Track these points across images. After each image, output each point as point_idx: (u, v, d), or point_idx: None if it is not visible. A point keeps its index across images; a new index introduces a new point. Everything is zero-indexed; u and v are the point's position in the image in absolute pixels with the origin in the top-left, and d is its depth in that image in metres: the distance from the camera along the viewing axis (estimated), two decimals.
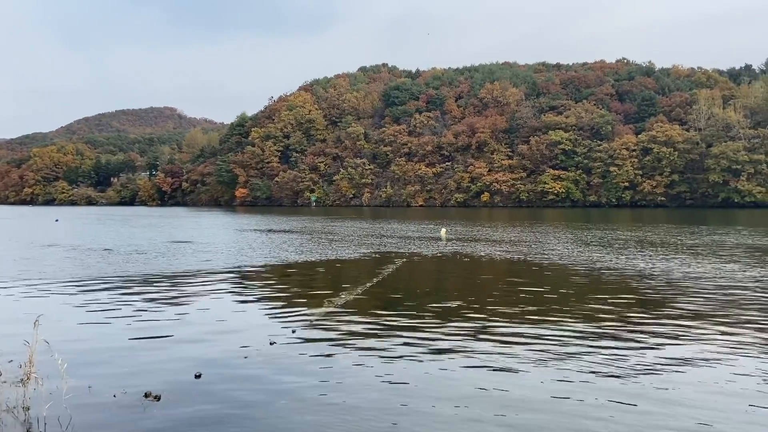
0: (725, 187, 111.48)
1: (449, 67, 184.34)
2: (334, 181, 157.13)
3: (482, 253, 27.80)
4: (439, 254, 27.91)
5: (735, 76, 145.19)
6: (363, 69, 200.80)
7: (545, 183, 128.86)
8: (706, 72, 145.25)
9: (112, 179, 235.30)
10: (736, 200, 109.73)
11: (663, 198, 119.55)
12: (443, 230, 41.97)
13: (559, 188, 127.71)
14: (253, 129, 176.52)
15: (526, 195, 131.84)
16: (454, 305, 14.91)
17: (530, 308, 14.43)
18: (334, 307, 14.67)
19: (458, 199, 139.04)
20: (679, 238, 36.67)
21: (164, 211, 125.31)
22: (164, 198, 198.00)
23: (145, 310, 14.53)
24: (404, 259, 25.43)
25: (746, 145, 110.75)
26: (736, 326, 12.40)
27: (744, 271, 20.73)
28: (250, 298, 16.51)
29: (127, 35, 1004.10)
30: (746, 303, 14.88)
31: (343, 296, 16.10)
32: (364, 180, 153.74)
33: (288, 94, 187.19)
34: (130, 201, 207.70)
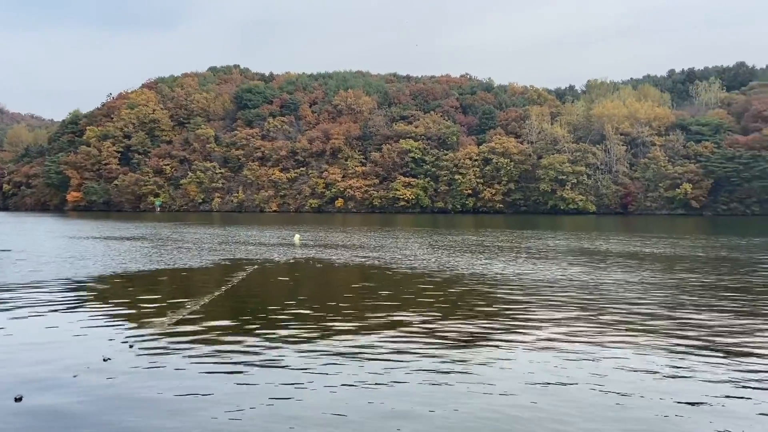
0: (553, 196, 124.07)
1: (303, 73, 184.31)
2: (182, 185, 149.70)
3: (335, 259, 28.08)
4: (292, 260, 27.72)
5: (561, 95, 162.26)
6: (213, 69, 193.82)
7: (397, 189, 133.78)
8: (537, 90, 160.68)
9: None
10: (562, 207, 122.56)
11: (501, 205, 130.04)
12: (297, 236, 41.74)
13: (410, 195, 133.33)
14: (88, 128, 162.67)
15: (379, 201, 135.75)
16: (302, 312, 14.88)
17: (377, 313, 14.84)
18: (178, 318, 13.92)
19: (313, 205, 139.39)
20: (524, 242, 39.96)
21: None
22: None
23: None
24: (256, 266, 24.88)
25: (570, 158, 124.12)
26: (564, 329, 13.73)
27: (567, 269, 23.07)
28: (83, 311, 15.11)
29: None
30: (569, 301, 16.56)
31: (188, 306, 15.34)
32: (214, 184, 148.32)
33: (129, 91, 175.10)
34: None
